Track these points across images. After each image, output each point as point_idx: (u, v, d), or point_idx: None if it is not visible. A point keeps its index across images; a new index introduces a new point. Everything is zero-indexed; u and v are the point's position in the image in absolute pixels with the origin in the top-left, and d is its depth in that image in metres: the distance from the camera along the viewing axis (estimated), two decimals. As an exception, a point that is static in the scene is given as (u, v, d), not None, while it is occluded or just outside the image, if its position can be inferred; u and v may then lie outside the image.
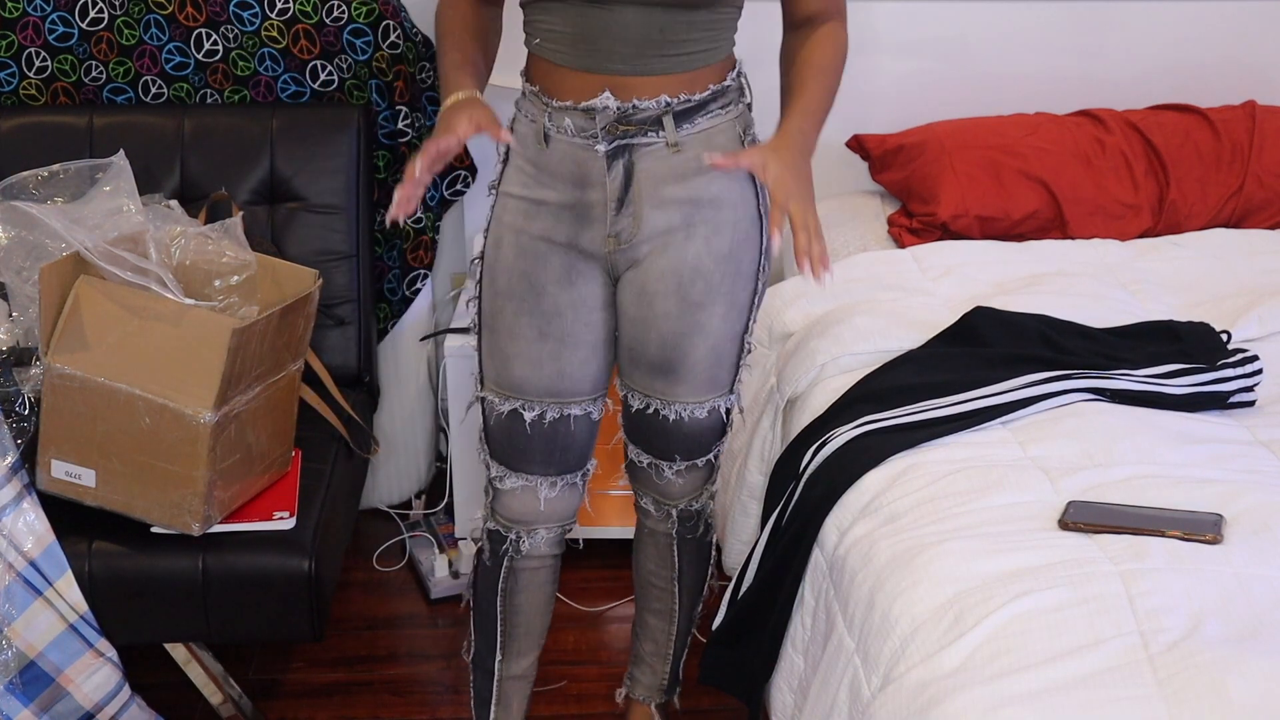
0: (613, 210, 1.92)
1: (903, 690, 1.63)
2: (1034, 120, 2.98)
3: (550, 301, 1.98)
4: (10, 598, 2.11)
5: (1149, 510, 1.83)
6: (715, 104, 1.92)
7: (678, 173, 1.91)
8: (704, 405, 2.07)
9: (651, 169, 1.90)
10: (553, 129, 1.91)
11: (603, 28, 1.84)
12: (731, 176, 1.94)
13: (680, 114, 1.89)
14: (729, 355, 2.05)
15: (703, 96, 1.90)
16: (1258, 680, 1.51)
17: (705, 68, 1.90)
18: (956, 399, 2.14)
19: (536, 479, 2.09)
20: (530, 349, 2.00)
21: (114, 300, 2.09)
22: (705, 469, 2.19)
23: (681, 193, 1.92)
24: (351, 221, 2.71)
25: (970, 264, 2.66)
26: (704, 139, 1.91)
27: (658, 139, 1.89)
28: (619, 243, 1.95)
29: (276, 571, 2.18)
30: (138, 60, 2.80)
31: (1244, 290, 2.55)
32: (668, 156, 1.90)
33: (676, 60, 1.87)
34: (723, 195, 1.94)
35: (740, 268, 1.98)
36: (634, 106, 1.87)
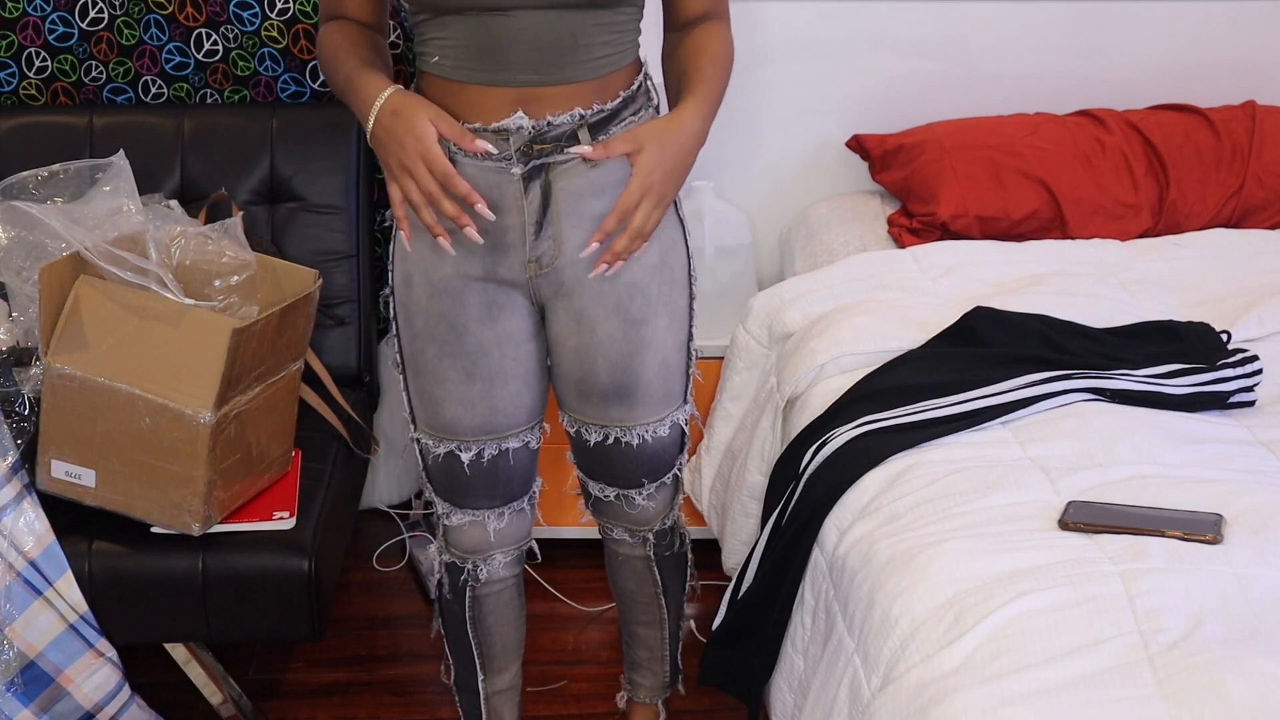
0: (531, 234, 1.82)
1: (903, 690, 1.63)
2: (1034, 120, 2.98)
3: (473, 341, 1.89)
4: (10, 598, 2.11)
5: (1149, 510, 1.83)
6: (627, 111, 1.82)
7: (596, 187, 1.81)
8: (664, 422, 2.02)
9: (569, 187, 1.80)
10: (459, 154, 1.77)
11: (509, 36, 1.72)
12: None
13: (594, 125, 1.78)
14: (678, 366, 2.00)
15: (614, 105, 1.80)
16: (1258, 680, 1.51)
17: (614, 73, 1.80)
18: (956, 399, 2.14)
19: (483, 513, 2.05)
20: (458, 390, 1.93)
21: (114, 300, 2.09)
22: (673, 484, 2.14)
23: (601, 207, 1.82)
24: (351, 221, 2.71)
25: (970, 264, 2.66)
26: None
27: (572, 155, 1.78)
28: (540, 268, 1.85)
29: (276, 571, 2.18)
30: (138, 60, 2.80)
31: (1244, 290, 2.55)
32: (585, 171, 1.80)
33: (588, 66, 1.76)
34: None
35: (673, 275, 1.93)
36: (549, 124, 1.76)
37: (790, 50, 3.09)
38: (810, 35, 3.09)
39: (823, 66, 3.11)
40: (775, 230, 3.20)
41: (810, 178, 3.17)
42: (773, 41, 3.08)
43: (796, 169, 3.18)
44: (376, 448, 2.64)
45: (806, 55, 3.10)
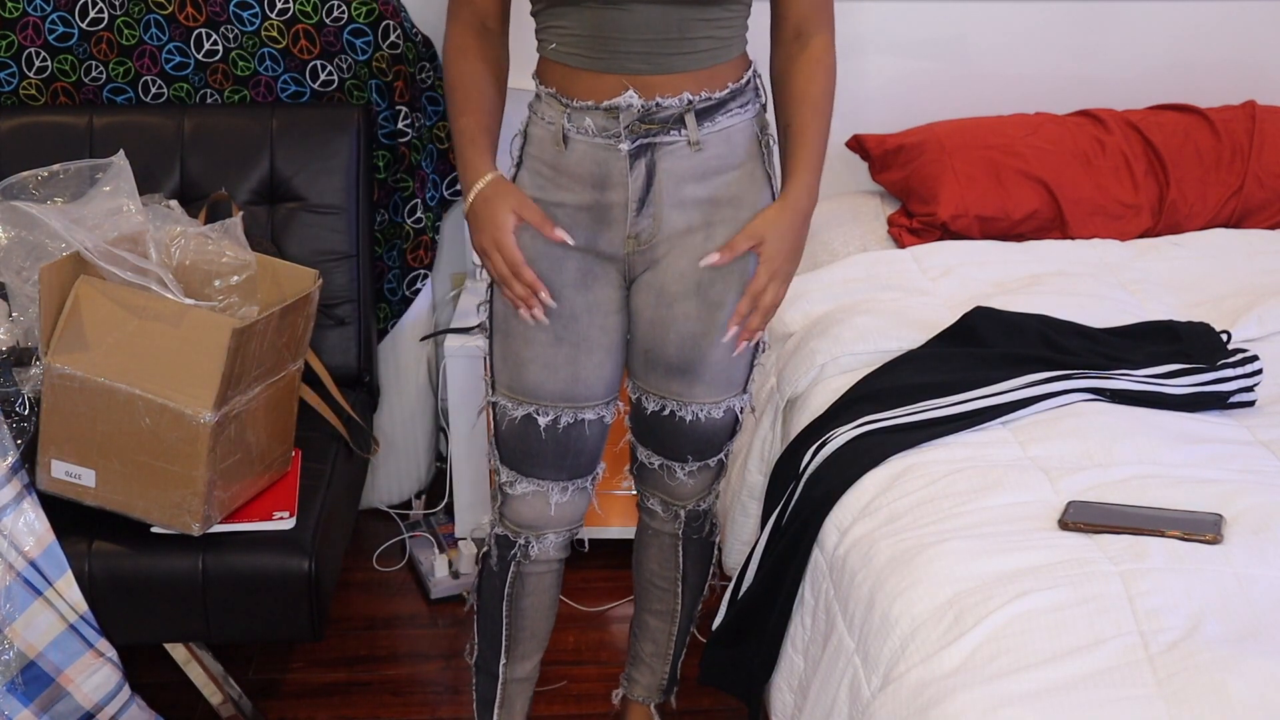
0: (634, 211, 1.91)
1: (902, 690, 1.63)
2: (1034, 120, 2.98)
3: (567, 305, 1.96)
4: (10, 598, 2.11)
5: (1149, 510, 1.83)
6: (734, 103, 1.91)
7: (698, 172, 1.91)
8: (720, 405, 2.06)
9: (673, 168, 1.90)
10: (572, 130, 1.89)
11: (620, 27, 1.83)
12: (749, 174, 1.94)
13: (702, 112, 1.88)
14: (744, 356, 2.05)
15: (722, 94, 1.89)
16: (1258, 680, 1.51)
17: (723, 64, 1.89)
18: (956, 399, 2.14)
19: (548, 484, 2.08)
20: (545, 353, 1.98)
21: (114, 300, 2.09)
22: (715, 468, 2.19)
23: (701, 192, 1.92)
24: (351, 221, 2.71)
25: (970, 264, 2.66)
26: (724, 137, 1.91)
27: (680, 137, 1.88)
28: (639, 244, 1.94)
29: (276, 571, 2.18)
30: (138, 60, 2.80)
31: (1244, 290, 2.55)
32: (689, 155, 1.89)
33: (695, 58, 1.86)
34: (742, 195, 1.94)
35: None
36: (657, 104, 1.86)
37: (790, 50, 3.09)
38: (810, 35, 3.08)
39: (823, 66, 3.11)
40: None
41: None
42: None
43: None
44: (376, 448, 2.64)
45: (806, 55, 3.09)
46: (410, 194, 2.93)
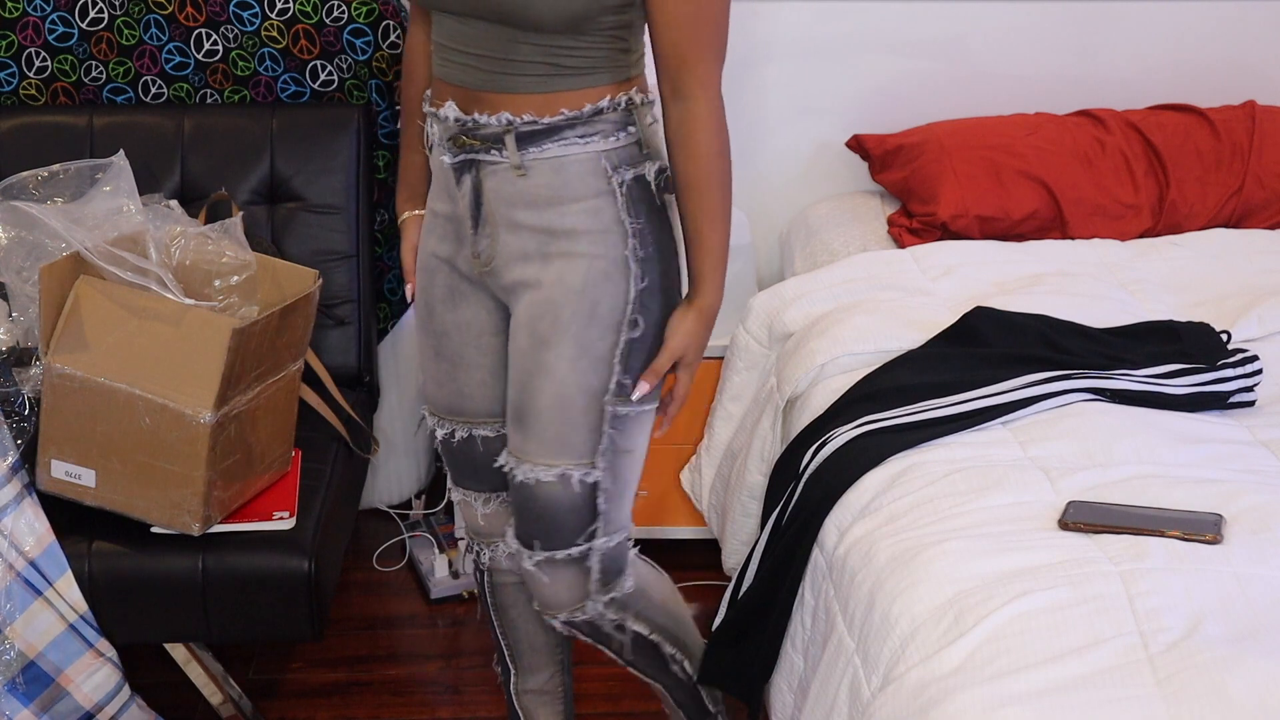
0: (470, 228, 1.86)
1: (902, 690, 1.63)
2: (1034, 120, 2.98)
3: (439, 321, 1.95)
4: (10, 598, 2.11)
5: (1149, 510, 1.83)
6: (571, 132, 1.77)
7: (528, 198, 1.80)
8: (553, 469, 1.85)
9: (499, 189, 1.81)
10: (432, 133, 1.88)
11: (458, 39, 1.78)
12: (592, 211, 1.79)
13: (525, 136, 1.77)
14: (581, 413, 1.84)
15: (552, 121, 1.76)
16: (1257, 680, 1.51)
17: (562, 92, 1.76)
18: (956, 399, 2.14)
19: (470, 494, 2.06)
20: (430, 366, 1.98)
21: (114, 300, 2.09)
22: (575, 569, 1.92)
23: (534, 220, 1.81)
24: (351, 221, 2.71)
25: (970, 264, 2.66)
26: (553, 167, 1.78)
27: (501, 159, 1.79)
28: (482, 264, 1.87)
29: (276, 571, 2.18)
30: (138, 60, 2.80)
31: (1244, 290, 2.55)
32: (514, 180, 1.80)
33: (524, 80, 1.76)
34: (579, 230, 1.80)
35: (596, 310, 1.81)
36: (474, 120, 1.79)
37: (790, 50, 3.09)
38: (810, 35, 3.09)
39: (823, 66, 3.11)
40: (775, 230, 3.20)
41: (810, 178, 3.17)
42: (773, 41, 3.08)
43: (796, 169, 3.18)
44: (376, 448, 2.64)
45: (806, 55, 3.10)
46: (410, 194, 2.92)
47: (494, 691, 2.64)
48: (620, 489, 1.90)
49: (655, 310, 1.84)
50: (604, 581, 1.95)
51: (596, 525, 1.90)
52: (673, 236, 1.86)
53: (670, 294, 1.86)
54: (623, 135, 1.80)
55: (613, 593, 1.96)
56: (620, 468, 1.89)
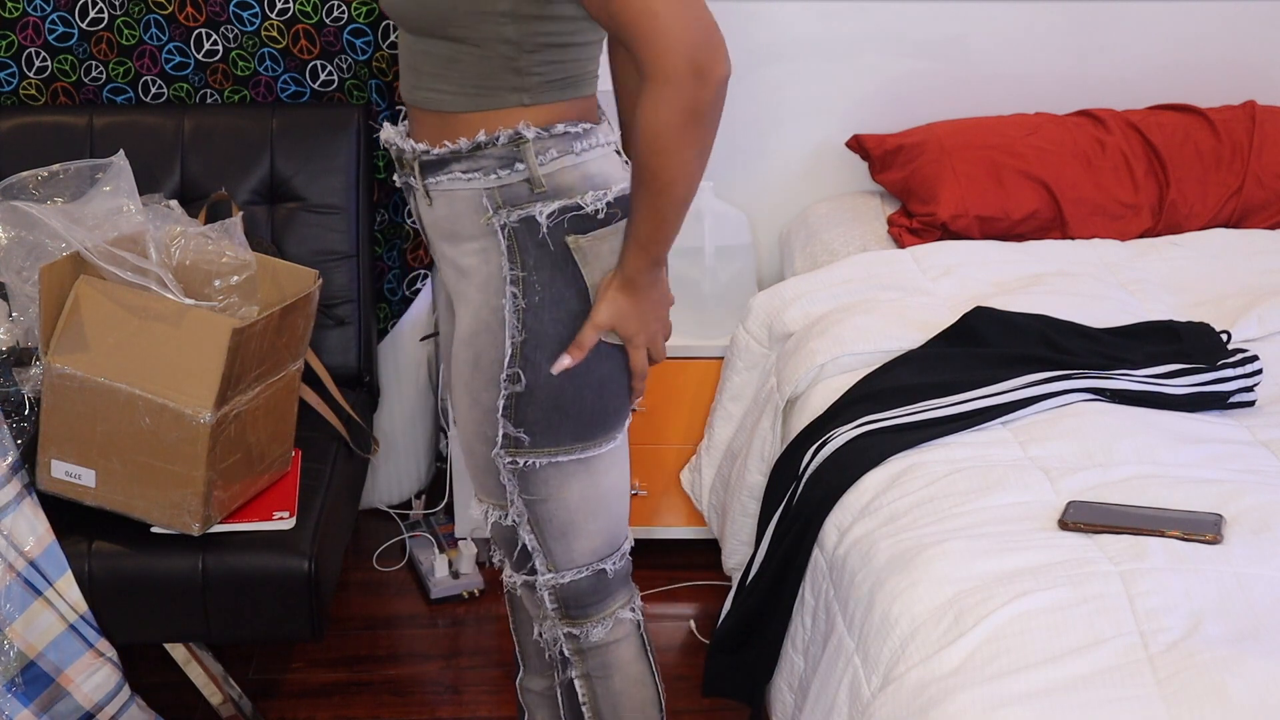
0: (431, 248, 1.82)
1: (902, 690, 1.63)
2: (1034, 120, 2.98)
3: (445, 329, 1.93)
4: (10, 598, 2.11)
5: (1149, 510, 1.83)
6: (456, 165, 1.67)
7: (442, 232, 1.74)
8: (480, 505, 1.86)
9: (424, 217, 1.77)
10: None
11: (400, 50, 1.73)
12: (481, 253, 1.70)
13: (425, 165, 1.71)
14: (484, 459, 1.78)
15: (440, 153, 1.68)
16: (1257, 680, 1.51)
17: (451, 117, 1.67)
18: (956, 399, 2.14)
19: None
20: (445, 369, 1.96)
21: (114, 300, 2.09)
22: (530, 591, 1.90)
23: (449, 252, 1.75)
24: (351, 221, 2.71)
25: (970, 264, 2.66)
26: (447, 200, 1.70)
27: (417, 185, 1.74)
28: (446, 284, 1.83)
29: (276, 571, 2.18)
30: (138, 60, 2.80)
31: (1244, 290, 2.55)
32: (426, 208, 1.74)
33: (423, 95, 1.69)
34: (472, 272, 1.72)
35: (479, 361, 1.73)
36: (394, 144, 1.75)
37: (791, 50, 3.09)
38: (810, 35, 3.09)
39: (823, 66, 3.11)
40: (775, 230, 3.20)
41: (810, 178, 3.17)
42: (773, 41, 3.08)
43: (796, 169, 3.18)
44: (376, 448, 2.64)
45: (807, 55, 3.10)
46: (410, 194, 2.93)
47: (494, 691, 2.64)
48: (556, 531, 1.81)
49: (547, 361, 1.70)
50: (562, 612, 1.89)
51: (533, 561, 1.85)
52: (582, 279, 1.69)
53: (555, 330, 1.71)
54: (506, 173, 1.66)
55: (574, 629, 1.89)
56: (542, 513, 1.80)
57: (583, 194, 1.67)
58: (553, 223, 1.67)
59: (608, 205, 1.69)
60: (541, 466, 1.76)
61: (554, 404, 1.73)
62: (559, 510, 1.80)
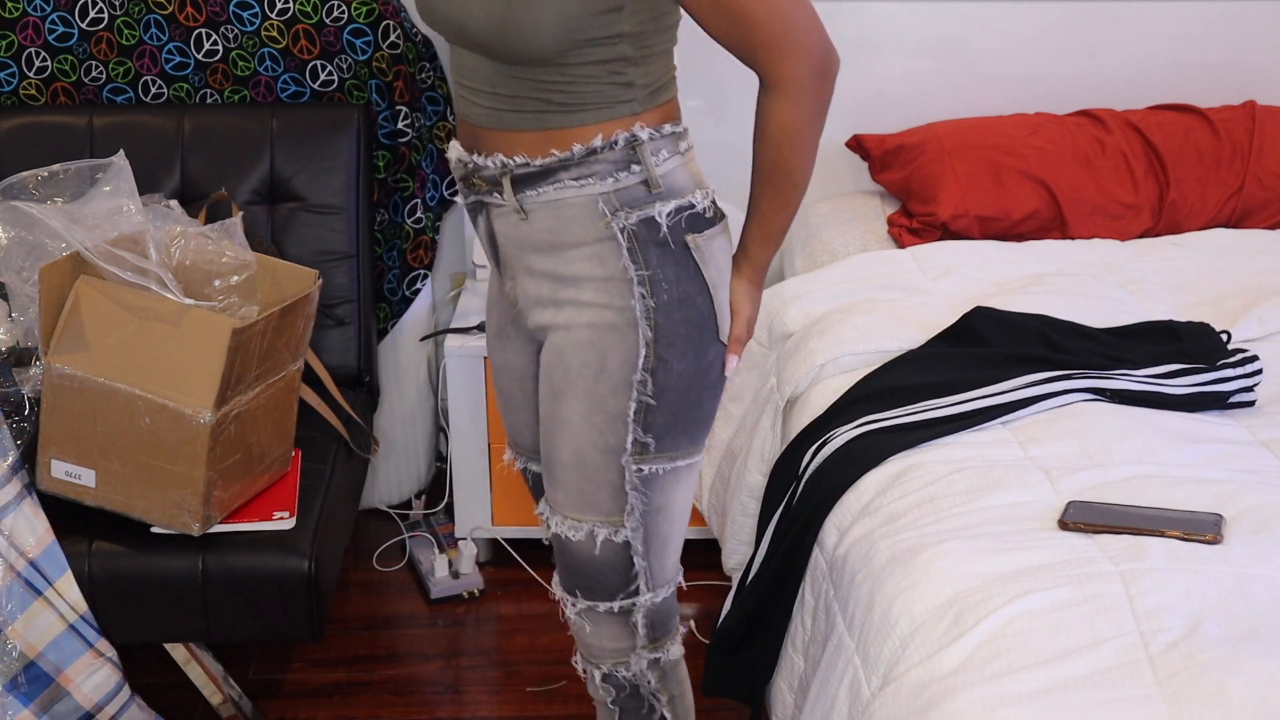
0: (496, 270, 1.81)
1: (902, 690, 1.63)
2: (1034, 120, 2.98)
3: (495, 356, 1.92)
4: (10, 598, 2.11)
5: (1149, 510, 1.83)
6: (565, 174, 1.66)
7: (535, 242, 1.71)
8: (580, 527, 1.77)
9: (508, 233, 1.72)
10: None
11: (462, 71, 1.70)
12: (595, 257, 1.69)
13: (520, 179, 1.68)
14: (600, 470, 1.73)
15: (545, 163, 1.66)
16: (1258, 681, 1.51)
17: (556, 130, 1.65)
18: (956, 399, 2.14)
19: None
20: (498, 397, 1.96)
21: (114, 300, 2.09)
22: (618, 622, 1.83)
23: (543, 264, 1.72)
24: (351, 221, 2.71)
25: (970, 264, 2.66)
26: (552, 211, 1.68)
27: (503, 202, 1.70)
28: (512, 305, 1.81)
29: (276, 571, 2.18)
30: (138, 60, 2.80)
31: (1244, 290, 2.55)
32: (518, 223, 1.70)
33: (518, 117, 1.66)
34: (584, 277, 1.70)
35: (605, 365, 1.70)
36: (474, 162, 1.71)
37: (790, 50, 3.08)
38: (810, 35, 3.08)
39: (823, 66, 3.11)
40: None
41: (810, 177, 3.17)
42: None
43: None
44: (376, 448, 2.64)
45: (806, 55, 3.09)
46: (410, 194, 2.93)
47: (494, 691, 2.64)
48: (659, 545, 1.79)
49: (678, 360, 1.71)
50: (650, 638, 1.86)
51: (637, 582, 1.80)
52: (703, 277, 1.71)
53: (705, 334, 1.73)
54: (624, 175, 1.67)
55: (659, 653, 1.87)
56: (654, 525, 1.77)
57: (692, 193, 1.70)
58: (671, 222, 1.68)
59: (712, 204, 1.73)
60: (665, 473, 1.75)
61: (681, 406, 1.73)
62: (664, 521, 1.78)
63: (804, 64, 1.61)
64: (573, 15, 1.57)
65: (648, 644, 1.86)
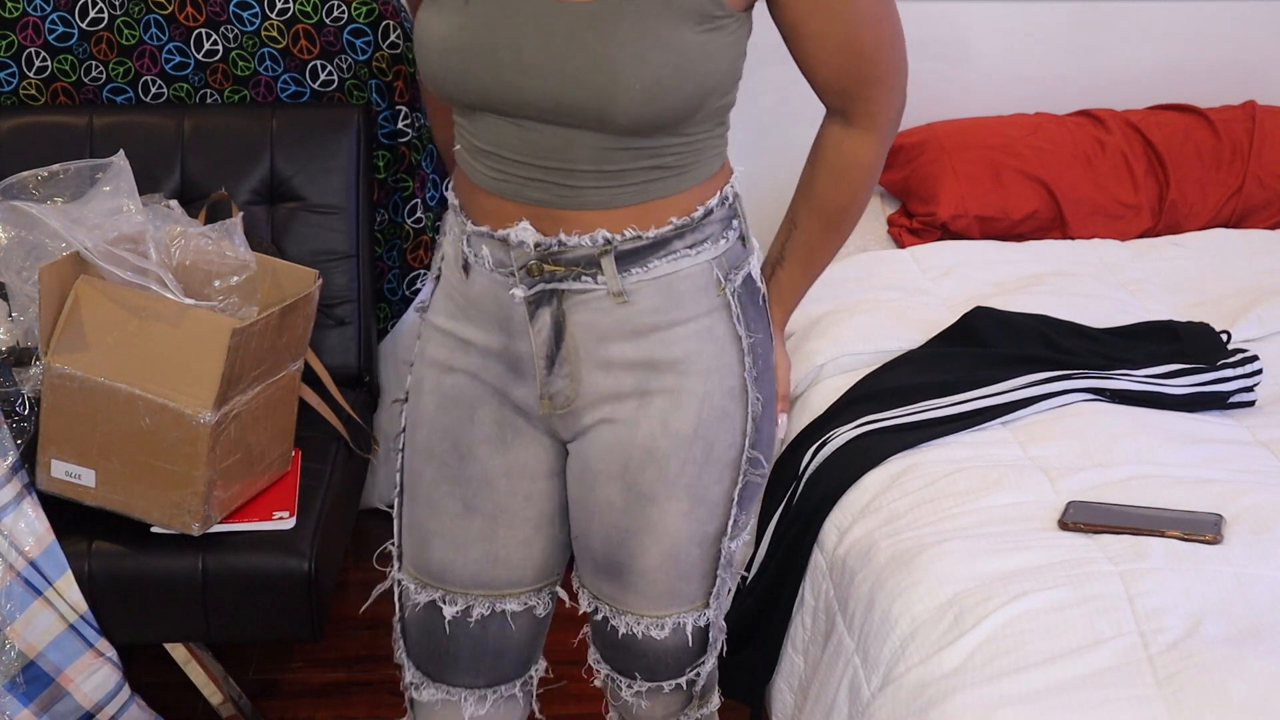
0: (543, 368, 1.51)
1: (902, 690, 1.63)
2: (1034, 120, 2.98)
3: (478, 467, 1.58)
4: (10, 598, 2.11)
5: (1149, 510, 1.83)
6: (680, 242, 1.46)
7: (627, 328, 1.48)
8: (663, 622, 1.60)
9: (590, 322, 1.47)
10: (471, 256, 1.51)
11: (519, 147, 1.42)
12: (704, 332, 1.49)
13: (626, 255, 1.45)
14: (695, 563, 1.57)
15: (661, 233, 1.45)
16: (1258, 680, 1.51)
17: (667, 198, 1.45)
18: (956, 399, 2.14)
19: (460, 692, 1.69)
20: (453, 525, 1.60)
21: (114, 300, 2.09)
22: (680, 694, 1.70)
23: (633, 353, 1.48)
24: (351, 221, 2.71)
25: (970, 264, 2.66)
26: (662, 287, 1.47)
27: (595, 285, 1.46)
28: (554, 407, 1.53)
29: (276, 571, 2.18)
30: (138, 60, 2.79)
31: (1244, 290, 2.55)
32: (611, 308, 1.46)
33: (619, 192, 1.43)
34: (690, 359, 1.49)
35: (711, 453, 1.52)
36: (560, 243, 1.44)
37: (790, 50, 3.09)
38: (810, 35, 3.09)
39: (823, 66, 3.11)
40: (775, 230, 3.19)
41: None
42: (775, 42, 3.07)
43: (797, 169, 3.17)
44: (376, 448, 2.64)
45: (806, 55, 3.10)
46: (410, 194, 2.92)
47: (494, 691, 2.64)
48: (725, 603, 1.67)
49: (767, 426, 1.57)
50: (701, 698, 1.73)
51: (706, 656, 1.67)
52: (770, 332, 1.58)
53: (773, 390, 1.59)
54: (731, 233, 1.51)
55: (707, 706, 1.75)
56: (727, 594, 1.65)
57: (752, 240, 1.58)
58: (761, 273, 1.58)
59: None
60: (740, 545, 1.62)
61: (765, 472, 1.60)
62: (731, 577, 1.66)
63: (900, 102, 1.51)
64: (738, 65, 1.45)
65: (697, 705, 1.74)
